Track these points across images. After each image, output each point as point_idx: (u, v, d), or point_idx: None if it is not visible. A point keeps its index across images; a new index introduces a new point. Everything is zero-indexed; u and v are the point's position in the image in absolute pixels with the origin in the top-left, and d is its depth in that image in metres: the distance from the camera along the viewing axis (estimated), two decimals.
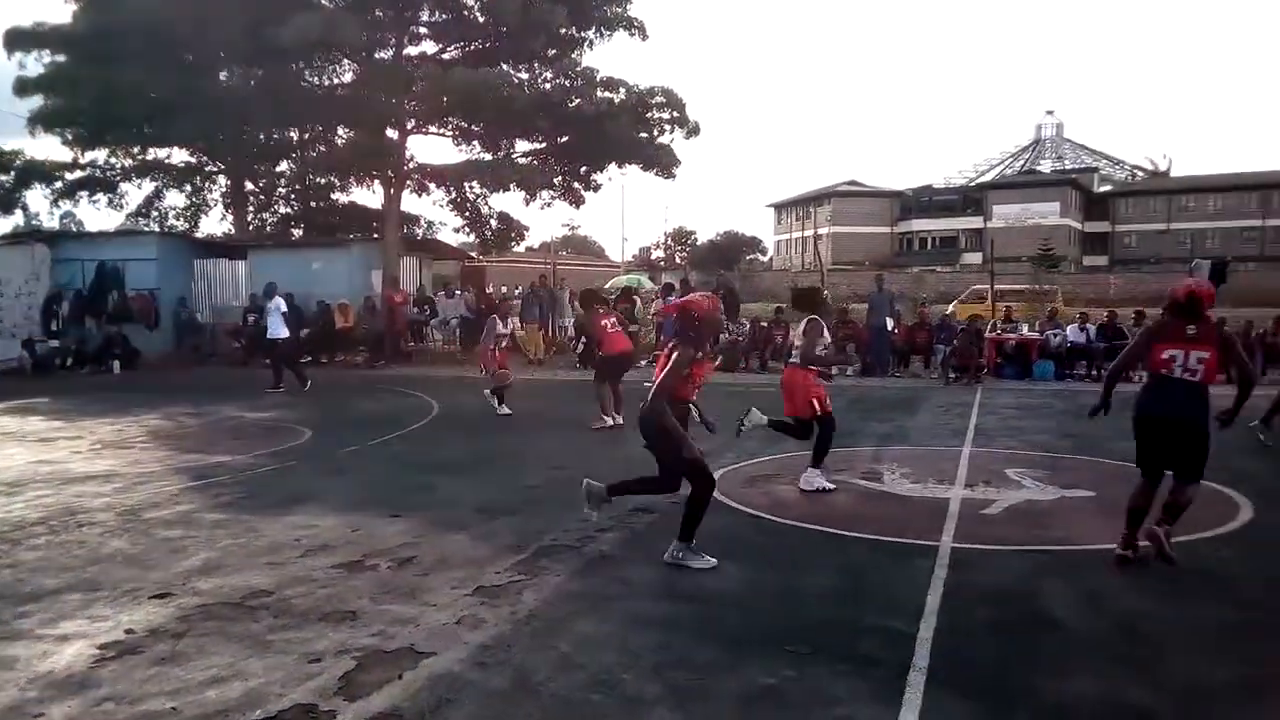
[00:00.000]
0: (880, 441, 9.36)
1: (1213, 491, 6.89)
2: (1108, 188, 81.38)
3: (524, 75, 21.67)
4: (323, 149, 23.97)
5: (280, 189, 25.80)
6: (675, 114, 21.75)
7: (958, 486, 7.15)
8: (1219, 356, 5.10)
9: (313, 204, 25.40)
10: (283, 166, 25.41)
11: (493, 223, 23.95)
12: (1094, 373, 15.57)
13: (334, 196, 25.16)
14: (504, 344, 11.41)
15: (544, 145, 22.60)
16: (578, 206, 23.98)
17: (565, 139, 22.07)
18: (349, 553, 5.37)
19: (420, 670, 3.68)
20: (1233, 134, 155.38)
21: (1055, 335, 16.11)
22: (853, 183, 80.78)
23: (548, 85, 21.52)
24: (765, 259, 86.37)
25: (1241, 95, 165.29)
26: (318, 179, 24.33)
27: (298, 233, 25.22)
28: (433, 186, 22.81)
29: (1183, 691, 3.49)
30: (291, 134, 24.44)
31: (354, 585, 4.78)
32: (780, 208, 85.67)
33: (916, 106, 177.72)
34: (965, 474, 7.61)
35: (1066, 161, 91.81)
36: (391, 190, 21.82)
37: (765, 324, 18.23)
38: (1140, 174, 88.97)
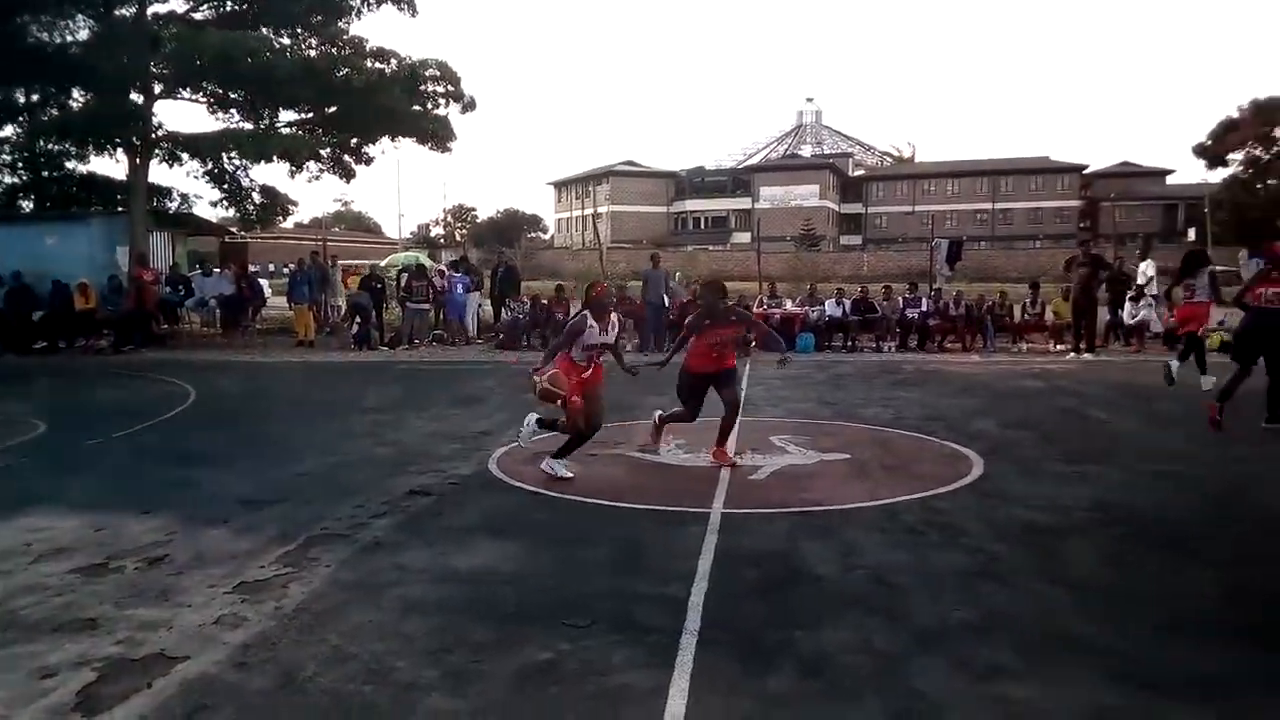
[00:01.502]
0: None
1: (950, 450, 7.60)
2: (861, 172, 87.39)
3: (286, 41, 20.44)
4: (55, 113, 21.57)
5: (5, 156, 23.01)
6: (450, 87, 21.23)
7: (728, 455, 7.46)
8: None
9: (45, 174, 22.83)
10: (7, 131, 22.66)
11: (255, 196, 22.47)
12: (849, 344, 16.73)
13: (70, 165, 22.72)
14: (598, 359, 6.72)
15: (310, 115, 21.43)
16: (349, 180, 22.91)
17: (333, 109, 21.02)
18: (90, 555, 4.91)
19: (172, 676, 3.43)
20: (965, 125, 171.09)
21: (815, 310, 17.14)
22: (630, 163, 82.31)
23: (313, 52, 20.41)
24: (546, 237, 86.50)
25: (973, 89, 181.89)
26: (49, 146, 21.86)
27: (28, 205, 22.62)
28: (186, 156, 21.06)
29: (923, 633, 3.82)
30: (18, 96, 21.83)
31: (95, 590, 4.38)
32: (560, 186, 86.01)
33: (690, 89, 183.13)
34: (735, 443, 7.95)
35: (825, 147, 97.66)
36: (138, 159, 19.99)
37: (546, 302, 18.24)
38: (889, 159, 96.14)
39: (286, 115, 21.50)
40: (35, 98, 21.84)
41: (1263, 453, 7.46)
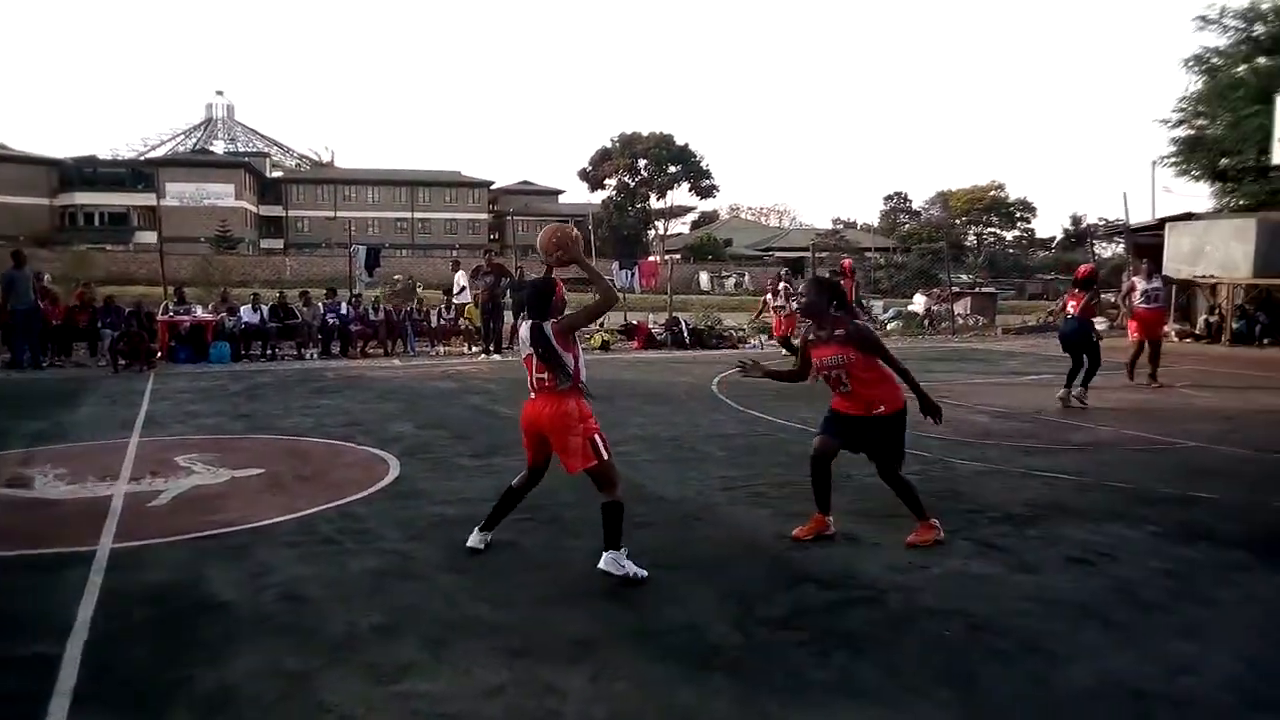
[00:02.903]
0: (33, 441, 8.22)
1: (369, 455, 7.67)
2: (280, 174, 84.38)
3: None
4: None
5: None
6: None
7: (122, 482, 6.67)
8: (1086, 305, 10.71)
9: None
10: None
11: None
12: (269, 352, 16.02)
13: None
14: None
15: None
16: None
17: None
18: None
19: None
20: (382, 134, 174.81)
21: (230, 318, 16.11)
22: None
23: None
24: None
25: (388, 100, 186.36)
26: None
27: None
28: None
29: (335, 644, 3.78)
30: None
31: None
32: None
33: (71, 67, 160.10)
34: (131, 467, 7.14)
35: (239, 144, 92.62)
36: None
37: None
38: (308, 162, 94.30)
39: None
40: None
41: (637, 435, 8.71)
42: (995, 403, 10.71)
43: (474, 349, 17.15)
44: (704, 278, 53.98)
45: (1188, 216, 22.39)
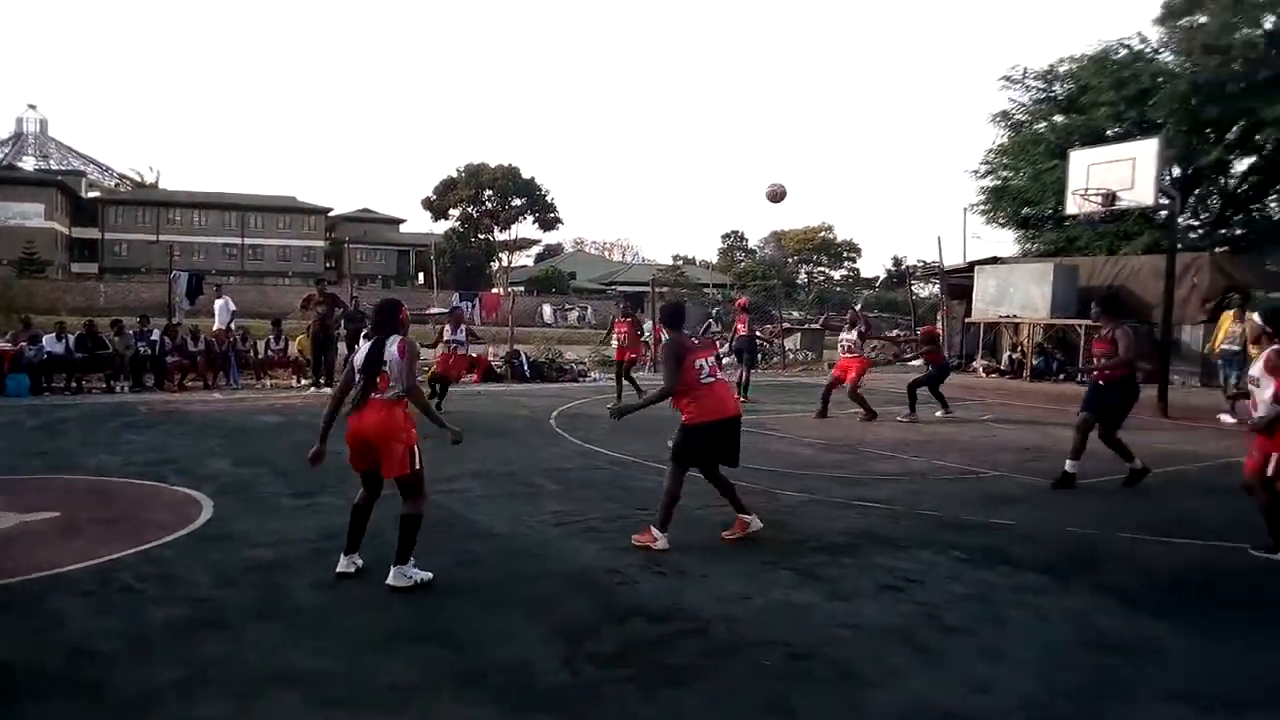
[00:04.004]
0: None
1: (180, 495, 7.22)
2: (97, 194, 79.06)
3: None
4: None
5: None
6: None
7: None
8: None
9: None
10: None
11: None
12: (74, 384, 14.88)
13: None
14: None
15: None
16: None
17: None
18: None
19: None
20: (210, 156, 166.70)
21: (31, 348, 14.87)
22: None
23: None
24: None
25: (227, 118, 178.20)
26: None
27: None
28: None
29: (127, 705, 3.51)
30: None
31: None
32: None
33: None
34: None
35: (53, 161, 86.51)
36: None
37: None
38: (129, 183, 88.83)
39: None
40: None
41: (473, 470, 8.54)
42: (820, 435, 11.13)
43: (303, 381, 16.48)
44: (547, 310, 54.01)
45: (994, 260, 24.08)
